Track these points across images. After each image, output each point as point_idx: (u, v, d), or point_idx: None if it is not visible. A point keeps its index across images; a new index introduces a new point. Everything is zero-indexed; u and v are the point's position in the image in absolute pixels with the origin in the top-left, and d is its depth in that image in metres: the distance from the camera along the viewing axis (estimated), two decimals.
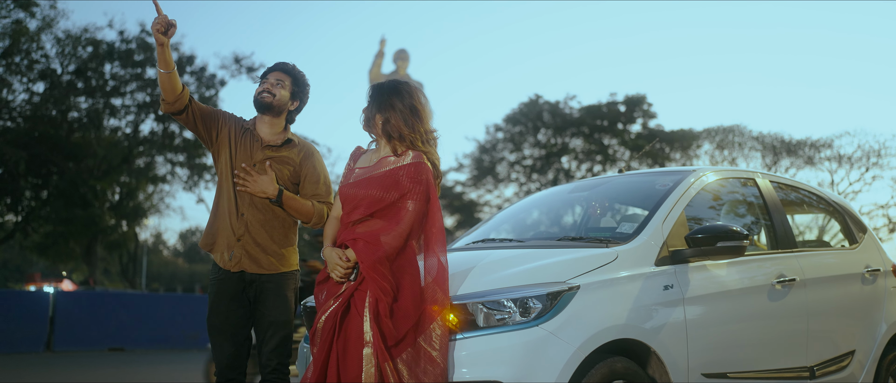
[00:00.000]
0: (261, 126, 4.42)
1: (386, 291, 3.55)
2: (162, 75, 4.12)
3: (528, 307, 3.59)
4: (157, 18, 3.98)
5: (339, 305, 3.65)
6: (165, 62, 4.08)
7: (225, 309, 4.24)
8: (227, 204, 4.29)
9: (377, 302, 3.54)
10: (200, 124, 4.33)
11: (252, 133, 4.40)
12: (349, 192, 3.86)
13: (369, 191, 3.78)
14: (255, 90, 4.41)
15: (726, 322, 4.26)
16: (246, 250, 4.23)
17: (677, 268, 4.14)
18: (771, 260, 4.75)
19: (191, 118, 4.30)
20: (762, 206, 5.04)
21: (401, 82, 3.96)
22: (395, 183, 3.75)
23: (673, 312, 3.99)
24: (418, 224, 3.71)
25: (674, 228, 4.27)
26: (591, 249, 4.05)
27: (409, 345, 3.51)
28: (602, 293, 3.78)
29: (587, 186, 5.38)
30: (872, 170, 39.98)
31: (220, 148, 4.37)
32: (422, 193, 3.72)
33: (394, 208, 3.72)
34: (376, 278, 3.57)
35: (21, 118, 27.89)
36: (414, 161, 3.79)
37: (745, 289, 4.43)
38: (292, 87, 4.42)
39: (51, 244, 32.58)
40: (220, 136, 4.37)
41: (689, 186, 4.57)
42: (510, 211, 5.56)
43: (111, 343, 16.21)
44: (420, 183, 3.73)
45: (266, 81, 4.40)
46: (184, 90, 4.21)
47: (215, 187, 4.46)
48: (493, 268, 3.87)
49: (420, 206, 3.71)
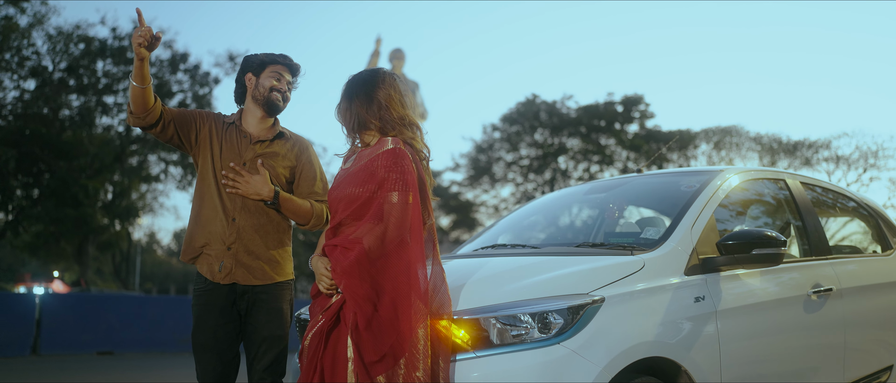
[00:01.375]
0: (248, 119, 4.01)
1: (361, 298, 3.12)
2: (135, 89, 3.69)
3: (549, 322, 3.20)
4: (139, 29, 3.55)
5: (327, 320, 3.25)
6: (142, 77, 3.66)
7: (213, 324, 3.83)
8: (214, 209, 3.86)
9: (355, 314, 3.14)
10: (177, 131, 3.90)
11: (238, 128, 3.98)
12: (330, 197, 3.48)
13: (346, 191, 3.37)
14: (257, 83, 3.98)
15: (760, 336, 3.89)
16: (238, 259, 3.82)
17: (708, 278, 3.76)
18: (805, 268, 4.38)
19: (165, 128, 3.87)
20: (794, 209, 4.67)
21: (375, 70, 3.56)
22: (370, 174, 3.32)
23: (705, 326, 3.61)
24: (407, 218, 3.24)
25: (703, 234, 3.89)
26: (616, 257, 3.66)
27: (390, 365, 3.09)
28: (629, 306, 3.40)
29: (605, 187, 4.99)
30: (870, 171, 39.96)
31: (201, 148, 3.94)
32: (404, 181, 3.26)
33: (373, 204, 3.28)
34: (350, 285, 3.16)
35: (11, 116, 27.65)
36: (392, 146, 3.36)
37: (780, 300, 4.06)
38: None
39: (42, 244, 32.29)
40: (199, 136, 3.95)
41: (718, 187, 4.20)
42: (521, 213, 5.17)
43: (100, 346, 15.82)
44: (400, 169, 3.28)
45: (278, 78, 3.98)
46: (156, 102, 3.78)
47: (193, 190, 4.03)
48: (507, 278, 3.49)
49: (404, 198, 3.24)
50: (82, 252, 32.15)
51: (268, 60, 3.99)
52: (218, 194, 3.86)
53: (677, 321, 3.52)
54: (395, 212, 3.23)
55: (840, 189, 5.35)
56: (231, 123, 3.99)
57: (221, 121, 3.99)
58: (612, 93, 40.17)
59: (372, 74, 3.53)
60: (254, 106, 4.00)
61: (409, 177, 3.28)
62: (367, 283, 3.16)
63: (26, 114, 27.51)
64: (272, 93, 3.95)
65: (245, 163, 3.88)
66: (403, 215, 3.23)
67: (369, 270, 3.18)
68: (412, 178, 3.29)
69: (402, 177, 3.27)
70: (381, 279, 3.18)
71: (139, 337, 16.39)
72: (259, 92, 3.96)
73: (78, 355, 15.43)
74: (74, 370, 12.74)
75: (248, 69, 4.01)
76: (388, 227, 3.21)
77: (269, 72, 3.98)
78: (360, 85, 3.50)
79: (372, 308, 3.13)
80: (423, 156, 3.45)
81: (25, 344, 15.15)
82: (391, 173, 3.27)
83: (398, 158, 3.31)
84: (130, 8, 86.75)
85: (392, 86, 3.50)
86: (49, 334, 15.42)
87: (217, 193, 3.86)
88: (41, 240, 31.98)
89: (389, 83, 3.50)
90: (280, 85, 3.98)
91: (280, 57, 4.02)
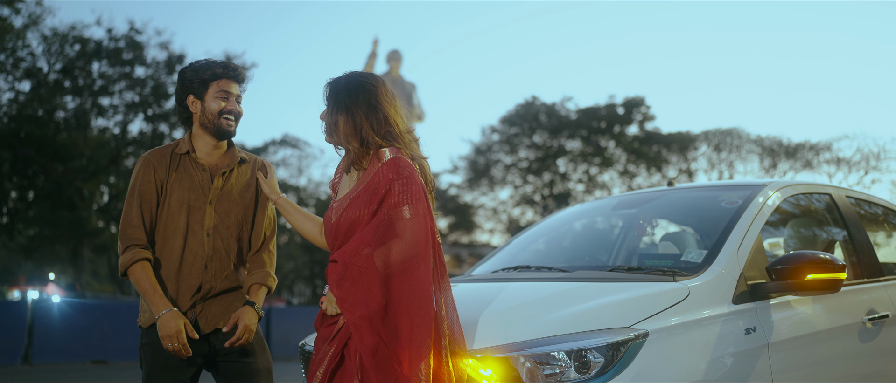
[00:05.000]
0: (201, 146, 3.51)
1: (360, 302, 2.76)
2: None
3: (587, 361, 2.83)
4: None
5: (334, 354, 2.88)
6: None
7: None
8: (183, 251, 3.42)
9: (358, 340, 2.76)
10: (155, 222, 3.46)
11: (192, 160, 3.50)
12: (332, 223, 3.04)
13: (347, 214, 2.97)
14: (203, 108, 3.45)
15: (815, 370, 3.51)
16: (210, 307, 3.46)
17: (759, 306, 3.38)
18: (858, 292, 4.00)
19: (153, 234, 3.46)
20: (842, 226, 4.29)
21: (359, 74, 3.13)
22: (372, 193, 2.92)
23: (757, 361, 3.24)
24: (420, 234, 2.84)
25: (750, 256, 3.51)
26: (656, 284, 3.28)
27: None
28: (675, 340, 3.02)
29: (634, 202, 4.59)
30: (871, 173, 39.81)
31: (161, 201, 3.47)
32: (411, 193, 2.86)
33: (375, 220, 2.89)
34: (342, 297, 2.81)
35: (6, 118, 27.41)
36: (392, 156, 2.96)
37: (834, 329, 3.69)
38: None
39: (37, 246, 32.00)
40: (161, 198, 3.47)
41: (763, 205, 3.82)
42: (541, 228, 4.77)
43: (93, 355, 15.52)
44: (404, 180, 2.88)
45: (226, 97, 3.46)
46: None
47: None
48: (537, 308, 3.11)
49: (416, 210, 2.85)
50: (77, 255, 31.80)
51: (209, 77, 3.45)
52: (182, 235, 3.45)
53: (728, 356, 3.15)
54: (409, 227, 2.84)
55: (887, 203, 4.96)
56: (181, 154, 3.50)
57: (166, 155, 3.50)
58: (613, 95, 39.97)
59: (376, 84, 3.09)
60: (203, 133, 3.50)
61: (415, 186, 2.89)
62: (375, 291, 2.79)
63: (21, 116, 27.26)
64: (221, 118, 3.45)
65: (210, 201, 3.45)
66: (417, 230, 2.84)
67: (376, 286, 2.80)
68: (419, 189, 2.90)
69: (407, 187, 2.88)
70: (387, 301, 2.79)
71: (133, 345, 15.94)
72: (206, 118, 3.45)
73: (70, 364, 15.18)
74: (67, 380, 12.56)
75: (189, 90, 3.47)
76: (401, 246, 2.82)
77: (213, 91, 3.45)
78: (361, 92, 3.05)
79: (376, 336, 2.75)
80: (427, 176, 3.04)
81: (17, 353, 14.88)
82: (395, 185, 2.89)
83: (401, 168, 2.92)
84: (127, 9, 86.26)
85: (392, 98, 3.10)
86: (41, 342, 15.15)
87: (182, 235, 3.45)
88: (36, 242, 31.70)
89: (392, 94, 3.10)
90: (228, 105, 3.46)
91: (221, 68, 3.48)
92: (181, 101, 3.50)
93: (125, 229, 3.41)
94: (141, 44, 29.38)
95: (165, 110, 30.11)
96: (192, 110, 3.49)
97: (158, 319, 3.28)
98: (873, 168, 39.65)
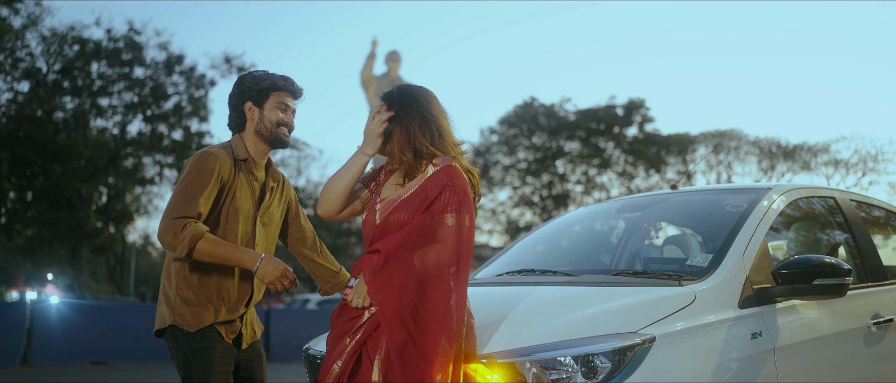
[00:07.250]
0: (254, 154, 3.52)
1: (394, 295, 2.79)
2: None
3: (594, 366, 2.82)
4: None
5: (351, 353, 2.87)
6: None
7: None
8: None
9: (387, 334, 2.77)
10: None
11: (249, 168, 3.49)
12: (376, 224, 3.04)
13: (396, 217, 2.98)
14: (261, 116, 3.45)
15: (820, 375, 3.51)
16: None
17: (764, 311, 3.38)
18: (862, 296, 4.00)
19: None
20: (846, 230, 4.29)
21: (411, 86, 3.16)
22: (423, 198, 2.94)
23: (763, 367, 3.23)
24: (462, 243, 2.87)
25: (756, 260, 3.50)
26: (662, 288, 3.27)
27: None
28: (682, 346, 3.01)
29: (637, 205, 4.59)
30: (869, 174, 39.93)
31: (222, 202, 3.42)
32: (459, 202, 2.90)
33: (423, 223, 2.92)
34: (378, 286, 2.83)
35: (5, 118, 27.44)
36: (443, 165, 2.99)
37: (839, 334, 3.68)
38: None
39: (35, 247, 32.00)
40: (222, 199, 3.41)
41: (768, 208, 3.81)
42: (544, 232, 4.76)
43: (92, 356, 15.47)
44: (454, 188, 2.92)
45: (284, 109, 3.48)
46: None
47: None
48: (542, 313, 3.11)
49: (461, 220, 2.89)
50: (76, 255, 31.79)
51: (270, 87, 3.46)
52: (238, 239, 3.50)
53: (734, 361, 3.14)
54: (451, 235, 2.87)
55: (892, 206, 4.95)
56: (241, 160, 3.48)
57: (231, 157, 3.44)
58: (614, 96, 39.98)
59: (428, 96, 3.14)
60: (258, 140, 3.50)
61: (464, 197, 2.94)
62: (408, 294, 2.81)
63: (20, 117, 27.32)
64: (280, 128, 3.47)
65: (260, 213, 3.50)
66: (459, 239, 2.88)
67: (412, 283, 2.82)
68: (468, 200, 2.95)
69: (457, 196, 2.92)
70: (420, 301, 2.82)
71: (133, 346, 16.02)
72: (264, 126, 3.46)
73: (70, 365, 15.15)
74: (66, 381, 12.54)
75: (248, 97, 3.47)
76: (440, 251, 2.85)
77: (273, 102, 3.46)
78: (415, 103, 3.09)
79: (406, 333, 2.76)
80: (476, 186, 3.08)
81: (16, 355, 14.83)
82: (445, 192, 2.92)
83: (452, 176, 2.95)
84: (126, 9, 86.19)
85: (441, 105, 3.16)
86: (40, 344, 15.10)
87: (237, 239, 3.49)
88: (35, 243, 31.70)
89: (438, 102, 3.15)
90: (286, 117, 3.49)
91: (282, 81, 3.49)
92: (238, 107, 3.48)
93: (180, 209, 3.23)
94: (140, 44, 29.43)
95: (164, 111, 30.14)
96: (249, 117, 3.47)
97: (260, 265, 3.24)
98: (871, 169, 39.80)
